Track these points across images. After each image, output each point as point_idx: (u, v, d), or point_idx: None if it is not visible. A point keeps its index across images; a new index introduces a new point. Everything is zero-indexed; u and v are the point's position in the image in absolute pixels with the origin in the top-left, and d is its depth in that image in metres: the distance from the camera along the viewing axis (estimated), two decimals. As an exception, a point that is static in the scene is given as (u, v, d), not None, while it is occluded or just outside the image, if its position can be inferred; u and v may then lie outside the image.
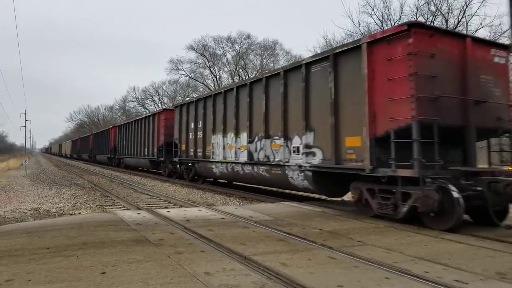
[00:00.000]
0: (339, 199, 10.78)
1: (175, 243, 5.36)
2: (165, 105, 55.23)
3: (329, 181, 9.23)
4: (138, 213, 8.18)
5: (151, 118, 23.48)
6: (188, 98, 32.93)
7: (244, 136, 12.29)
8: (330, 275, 4.01)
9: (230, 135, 13.16)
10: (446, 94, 6.80)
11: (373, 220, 7.21)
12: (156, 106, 60.84)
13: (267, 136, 11.02)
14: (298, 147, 9.73)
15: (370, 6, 26.66)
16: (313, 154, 9.19)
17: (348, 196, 9.81)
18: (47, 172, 27.07)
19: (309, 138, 9.33)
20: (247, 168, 12.08)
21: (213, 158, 14.24)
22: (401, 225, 6.72)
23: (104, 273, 4.04)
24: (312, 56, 9.54)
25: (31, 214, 9.26)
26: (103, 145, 36.83)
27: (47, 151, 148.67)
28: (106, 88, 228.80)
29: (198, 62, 51.66)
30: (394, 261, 4.47)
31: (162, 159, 20.84)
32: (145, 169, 26.71)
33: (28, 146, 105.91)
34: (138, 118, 27.44)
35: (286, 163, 10.11)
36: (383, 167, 7.19)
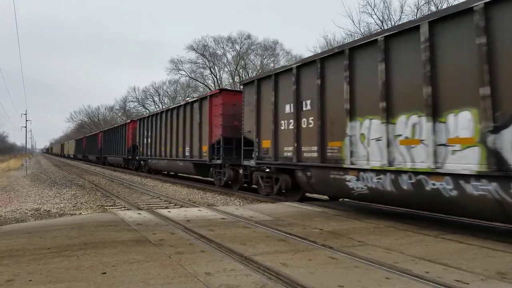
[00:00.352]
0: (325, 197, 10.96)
1: (175, 243, 5.36)
2: (166, 105, 55.18)
3: None
4: (139, 213, 8.19)
5: (197, 103, 16.41)
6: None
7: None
8: (331, 275, 4.01)
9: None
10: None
11: (373, 220, 7.20)
12: (156, 106, 60.86)
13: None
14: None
15: (370, 6, 26.71)
16: None
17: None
18: (48, 172, 27.09)
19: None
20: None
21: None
22: (401, 225, 6.72)
23: (105, 273, 4.04)
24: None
25: (31, 214, 9.26)
26: (117, 144, 31.50)
27: (48, 151, 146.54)
28: (106, 88, 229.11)
29: (199, 62, 51.73)
30: (394, 261, 4.47)
31: (219, 161, 14.45)
32: (182, 174, 20.36)
33: (28, 146, 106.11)
34: (173, 106, 19.95)
35: None
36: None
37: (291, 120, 9.99)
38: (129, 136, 27.57)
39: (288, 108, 10.12)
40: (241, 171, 13.29)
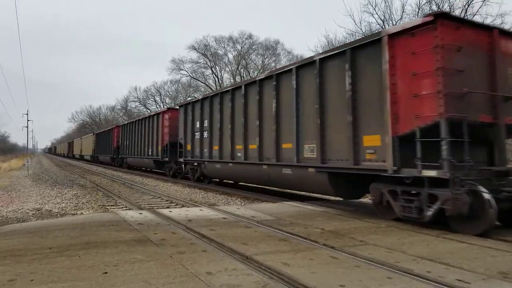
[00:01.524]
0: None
1: (177, 243, 5.36)
2: (167, 105, 55.23)
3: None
4: (140, 213, 8.20)
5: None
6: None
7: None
8: (332, 275, 4.01)
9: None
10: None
11: (375, 220, 7.20)
12: (158, 106, 60.91)
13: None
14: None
15: (372, 6, 26.52)
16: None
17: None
18: (49, 172, 27.13)
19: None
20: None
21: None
22: (403, 225, 6.71)
23: (106, 273, 4.05)
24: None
25: (33, 214, 9.28)
26: (141, 142, 25.30)
27: (51, 151, 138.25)
28: (107, 88, 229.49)
29: (200, 62, 51.71)
30: (396, 261, 4.46)
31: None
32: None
33: (30, 146, 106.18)
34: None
35: None
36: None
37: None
38: (162, 131, 21.47)
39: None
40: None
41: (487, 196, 5.82)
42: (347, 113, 8.01)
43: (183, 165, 18.02)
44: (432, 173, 6.24)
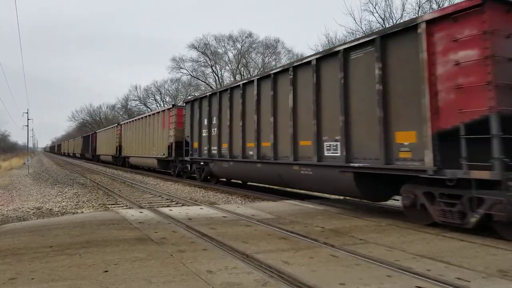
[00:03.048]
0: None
1: (177, 242, 5.37)
2: (167, 104, 55.17)
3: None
4: (141, 212, 8.21)
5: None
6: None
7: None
8: (332, 273, 4.02)
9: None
10: None
11: (375, 218, 7.20)
12: (158, 104, 60.88)
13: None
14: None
15: (372, 4, 26.52)
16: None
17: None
18: (50, 171, 27.15)
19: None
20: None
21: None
22: (403, 223, 6.72)
23: (107, 271, 4.06)
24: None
25: (33, 213, 9.29)
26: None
27: (53, 149, 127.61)
28: (108, 87, 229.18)
29: (200, 61, 51.66)
30: (396, 259, 4.47)
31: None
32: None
33: (30, 145, 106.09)
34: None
35: None
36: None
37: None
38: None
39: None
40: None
41: None
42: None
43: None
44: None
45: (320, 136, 8.95)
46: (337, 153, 8.43)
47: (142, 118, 25.63)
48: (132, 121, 28.13)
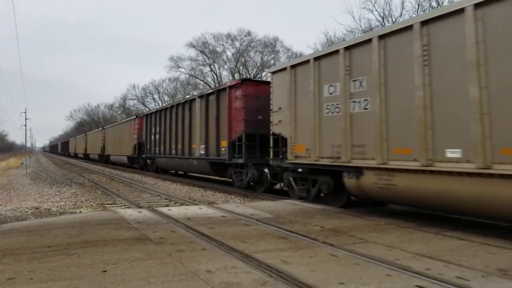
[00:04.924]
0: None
1: (176, 241, 5.36)
2: (165, 103, 55.07)
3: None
4: (139, 212, 8.19)
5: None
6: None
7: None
8: (332, 273, 4.01)
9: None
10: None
11: (374, 218, 7.20)
12: (156, 104, 60.80)
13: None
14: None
15: (371, 2, 26.56)
16: None
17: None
18: (48, 171, 27.09)
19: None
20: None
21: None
22: (403, 223, 6.72)
23: (106, 271, 4.04)
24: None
25: (32, 212, 9.26)
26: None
27: (53, 149, 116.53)
28: (105, 86, 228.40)
29: (198, 60, 51.52)
30: (395, 258, 4.47)
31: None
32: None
33: (28, 145, 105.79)
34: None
35: None
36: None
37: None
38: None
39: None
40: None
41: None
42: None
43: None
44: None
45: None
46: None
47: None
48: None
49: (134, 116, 26.96)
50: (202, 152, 15.48)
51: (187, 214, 7.62)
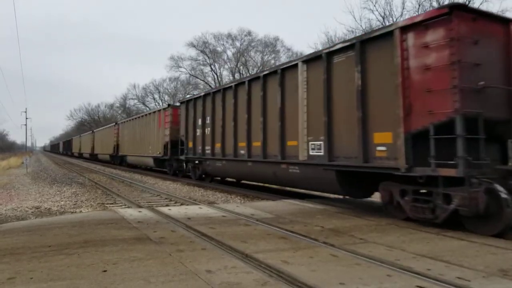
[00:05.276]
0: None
1: (176, 241, 5.35)
2: (165, 102, 55.10)
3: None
4: (139, 211, 8.18)
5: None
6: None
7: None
8: (332, 273, 4.00)
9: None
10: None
11: (375, 218, 7.19)
12: (156, 103, 60.75)
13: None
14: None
15: (372, 2, 26.47)
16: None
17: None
18: (48, 170, 27.09)
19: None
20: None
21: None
22: (403, 223, 6.71)
23: (106, 271, 4.04)
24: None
25: (32, 212, 9.26)
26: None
27: (54, 149, 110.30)
28: (106, 86, 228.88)
29: (199, 59, 51.48)
30: (396, 259, 4.46)
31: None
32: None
33: (28, 144, 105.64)
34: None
35: None
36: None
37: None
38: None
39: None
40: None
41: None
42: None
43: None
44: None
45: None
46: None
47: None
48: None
49: (166, 105, 21.15)
50: (316, 153, 9.05)
51: (188, 214, 7.61)
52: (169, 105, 20.72)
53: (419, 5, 24.65)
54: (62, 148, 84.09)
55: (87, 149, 44.64)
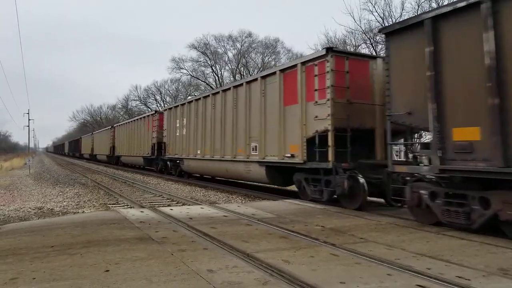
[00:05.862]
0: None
1: (178, 241, 5.38)
2: (167, 104, 55.09)
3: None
4: (141, 211, 8.22)
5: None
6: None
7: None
8: (333, 272, 4.03)
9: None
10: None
11: (375, 217, 7.21)
12: (158, 105, 60.81)
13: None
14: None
15: (371, 3, 26.43)
16: None
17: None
18: (51, 171, 27.17)
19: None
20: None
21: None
22: (403, 222, 6.73)
23: (108, 271, 4.07)
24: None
25: (35, 213, 9.31)
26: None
27: (58, 149, 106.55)
28: (108, 87, 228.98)
29: (200, 61, 51.48)
30: (396, 258, 4.48)
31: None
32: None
33: (31, 145, 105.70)
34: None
35: None
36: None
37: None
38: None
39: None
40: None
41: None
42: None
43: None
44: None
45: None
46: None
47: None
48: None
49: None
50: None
51: (189, 214, 7.64)
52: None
53: (418, 6, 24.60)
54: (68, 148, 79.75)
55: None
